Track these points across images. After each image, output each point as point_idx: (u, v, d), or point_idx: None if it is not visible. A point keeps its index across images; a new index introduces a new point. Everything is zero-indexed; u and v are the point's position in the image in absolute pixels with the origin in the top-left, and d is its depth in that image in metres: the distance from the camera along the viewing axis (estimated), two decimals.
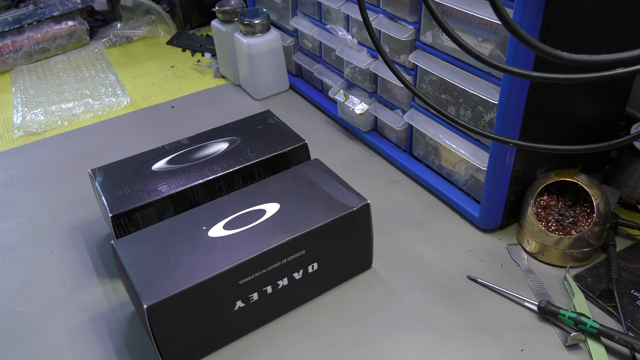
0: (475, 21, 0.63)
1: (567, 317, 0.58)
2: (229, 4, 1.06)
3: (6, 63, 1.25)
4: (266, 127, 0.79)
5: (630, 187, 0.74)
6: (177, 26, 1.41)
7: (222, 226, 0.61)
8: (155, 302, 0.52)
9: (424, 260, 0.69)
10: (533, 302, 0.62)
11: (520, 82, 0.60)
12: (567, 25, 0.59)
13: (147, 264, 0.57)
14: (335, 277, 0.66)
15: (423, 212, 0.77)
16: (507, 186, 0.68)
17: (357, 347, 0.59)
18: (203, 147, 0.76)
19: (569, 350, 0.57)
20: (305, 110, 1.03)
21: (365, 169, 0.86)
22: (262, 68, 1.04)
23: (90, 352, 0.61)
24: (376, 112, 0.86)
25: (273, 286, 0.60)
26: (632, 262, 0.66)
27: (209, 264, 0.56)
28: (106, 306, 0.66)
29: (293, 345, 0.60)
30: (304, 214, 0.61)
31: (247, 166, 0.73)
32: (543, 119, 0.65)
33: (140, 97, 1.12)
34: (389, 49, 0.80)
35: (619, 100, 0.73)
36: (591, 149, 0.54)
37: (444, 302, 0.64)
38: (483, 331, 0.60)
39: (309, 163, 0.70)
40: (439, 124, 0.75)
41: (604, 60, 0.43)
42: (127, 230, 0.67)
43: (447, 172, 0.78)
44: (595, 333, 0.56)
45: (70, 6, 1.28)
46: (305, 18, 0.99)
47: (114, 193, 0.68)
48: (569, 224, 0.66)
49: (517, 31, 0.46)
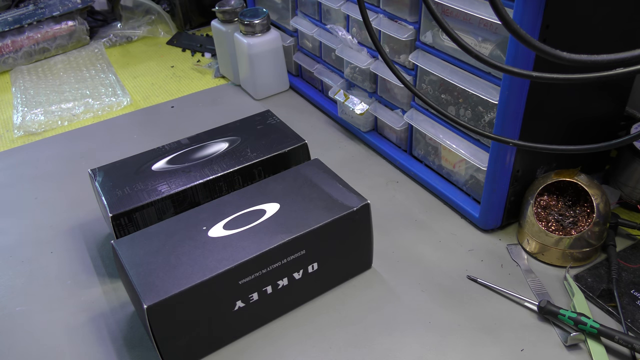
0: (475, 21, 0.63)
1: (567, 317, 0.58)
2: (229, 4, 1.06)
3: (6, 63, 1.25)
4: (266, 127, 0.79)
5: (630, 187, 0.74)
6: (177, 26, 1.41)
7: (222, 226, 0.61)
8: (155, 302, 0.52)
9: (424, 260, 0.69)
10: (533, 302, 0.62)
11: (520, 82, 0.60)
12: (567, 25, 0.59)
13: (147, 264, 0.57)
14: (335, 277, 0.66)
15: (423, 212, 0.77)
16: (507, 186, 0.68)
17: (357, 347, 0.59)
18: (203, 147, 0.76)
19: (569, 350, 0.57)
20: (305, 110, 1.03)
21: (365, 169, 0.86)
22: (262, 68, 1.04)
23: (90, 352, 0.61)
24: (376, 112, 0.86)
25: (273, 286, 0.60)
26: (632, 262, 0.66)
27: (209, 264, 0.56)
28: (106, 306, 0.66)
29: (293, 345, 0.60)
30: (304, 214, 0.61)
31: (247, 166, 0.73)
32: (543, 119, 0.65)
33: (140, 97, 1.12)
34: (389, 49, 0.80)
35: (619, 100, 0.73)
36: (591, 149, 0.54)
37: (444, 302, 0.64)
38: (483, 331, 0.60)
39: (309, 163, 0.70)
40: (439, 124, 0.75)
41: (604, 60, 0.43)
42: (127, 230, 0.67)
43: (447, 172, 0.78)
44: (595, 333, 0.56)
45: (70, 6, 1.28)
46: (305, 18, 0.99)
47: (114, 193, 0.68)
48: (569, 224, 0.66)
49: (517, 31, 0.46)
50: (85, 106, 1.08)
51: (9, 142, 1.00)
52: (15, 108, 1.09)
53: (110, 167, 0.73)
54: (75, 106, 1.08)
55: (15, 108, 1.09)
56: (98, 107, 1.08)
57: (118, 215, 0.66)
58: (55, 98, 1.11)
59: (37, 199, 0.85)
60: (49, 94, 1.13)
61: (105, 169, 0.73)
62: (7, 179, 0.90)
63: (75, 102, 1.09)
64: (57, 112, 1.06)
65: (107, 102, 1.09)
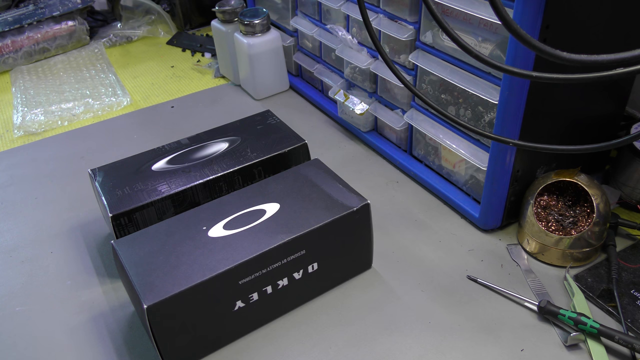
0: (475, 21, 0.63)
1: (567, 317, 0.58)
2: (229, 4, 1.06)
3: (6, 63, 1.25)
4: (266, 127, 0.79)
5: (630, 187, 0.74)
6: (177, 26, 1.41)
7: (222, 226, 0.61)
8: (155, 302, 0.52)
9: (424, 260, 0.69)
10: (533, 302, 0.62)
11: (520, 82, 0.60)
12: (567, 25, 0.59)
13: (147, 264, 0.57)
14: (335, 277, 0.66)
15: (423, 212, 0.77)
16: (507, 186, 0.68)
17: (357, 347, 0.59)
18: (203, 147, 0.76)
19: (569, 350, 0.57)
20: (305, 110, 1.03)
21: (365, 169, 0.86)
22: (262, 68, 1.04)
23: (90, 352, 0.61)
24: (376, 112, 0.86)
25: (273, 286, 0.60)
26: (632, 262, 0.66)
27: (209, 264, 0.56)
28: (106, 306, 0.66)
29: (293, 345, 0.60)
30: (304, 214, 0.61)
31: (247, 166, 0.73)
32: (543, 119, 0.65)
33: (140, 97, 1.12)
34: (389, 49, 0.80)
35: (619, 100, 0.73)
36: (591, 149, 0.54)
37: (444, 302, 0.64)
38: (483, 331, 0.60)
39: (309, 163, 0.70)
40: (439, 124, 0.75)
41: (604, 60, 0.43)
42: (127, 230, 0.67)
43: (447, 172, 0.78)
44: (595, 333, 0.56)
45: (70, 6, 1.28)
46: (305, 18, 0.99)
47: (114, 193, 0.68)
48: (569, 224, 0.66)
49: (517, 31, 0.46)
50: (85, 106, 1.08)
51: (9, 142, 1.00)
52: (15, 108, 1.09)
53: (110, 167, 0.73)
54: (75, 106, 1.08)
55: (15, 108, 1.09)
56: (98, 107, 1.08)
57: (118, 215, 0.66)
58: (55, 98, 1.11)
59: (37, 199, 0.85)
60: (49, 94, 1.13)
61: (105, 169, 0.73)
62: (7, 179, 0.90)
63: (75, 102, 1.09)
64: (57, 112, 1.06)
65: (107, 102, 1.09)
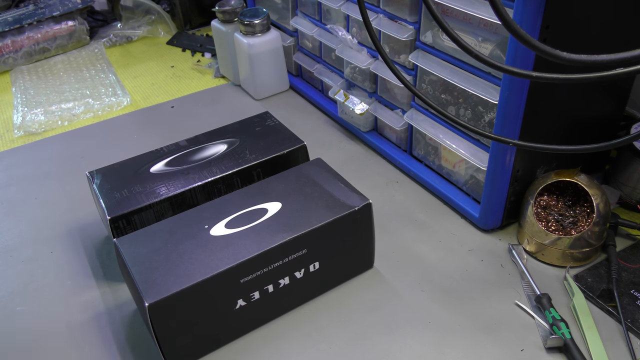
0: (475, 21, 0.64)
1: (550, 317, 0.58)
2: (229, 4, 1.06)
3: (6, 63, 1.25)
4: (265, 128, 0.79)
5: (630, 187, 0.74)
6: (177, 26, 1.41)
7: (224, 225, 0.61)
8: (156, 300, 0.52)
9: (424, 260, 0.69)
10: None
11: (520, 82, 0.60)
12: (567, 25, 0.59)
13: (149, 262, 0.57)
14: (336, 277, 0.66)
15: (423, 212, 0.77)
16: (507, 186, 0.68)
17: (358, 346, 0.59)
18: (201, 149, 0.75)
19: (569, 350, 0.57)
20: (305, 110, 1.03)
21: (365, 169, 0.86)
22: (262, 68, 1.04)
23: (92, 351, 0.61)
24: (376, 112, 0.86)
25: (274, 285, 0.60)
26: (632, 262, 0.66)
27: (210, 263, 0.56)
28: (107, 306, 0.66)
29: (294, 344, 0.60)
30: (305, 213, 0.61)
31: (246, 168, 0.72)
32: (543, 119, 0.65)
33: (140, 97, 1.12)
34: (389, 49, 0.80)
35: (619, 100, 0.73)
36: (591, 149, 0.54)
37: (444, 302, 0.64)
38: (483, 331, 0.60)
39: (311, 162, 0.70)
40: (439, 124, 0.75)
41: (604, 60, 0.43)
42: (125, 233, 0.67)
43: (447, 172, 0.78)
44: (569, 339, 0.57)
45: (70, 6, 1.28)
46: (305, 18, 0.99)
47: (112, 196, 0.68)
48: (569, 224, 0.67)
49: (517, 31, 0.46)
50: (85, 106, 1.08)
51: (9, 142, 1.00)
52: (15, 108, 1.09)
53: (108, 169, 0.73)
54: (75, 106, 1.08)
55: (15, 108, 1.09)
56: (98, 107, 1.08)
57: (116, 218, 0.65)
58: (55, 98, 1.11)
59: (37, 199, 0.85)
60: (49, 94, 1.13)
61: (103, 171, 0.73)
62: (7, 179, 0.90)
63: (75, 102, 1.09)
64: (57, 112, 1.06)
65: (107, 102, 1.09)
